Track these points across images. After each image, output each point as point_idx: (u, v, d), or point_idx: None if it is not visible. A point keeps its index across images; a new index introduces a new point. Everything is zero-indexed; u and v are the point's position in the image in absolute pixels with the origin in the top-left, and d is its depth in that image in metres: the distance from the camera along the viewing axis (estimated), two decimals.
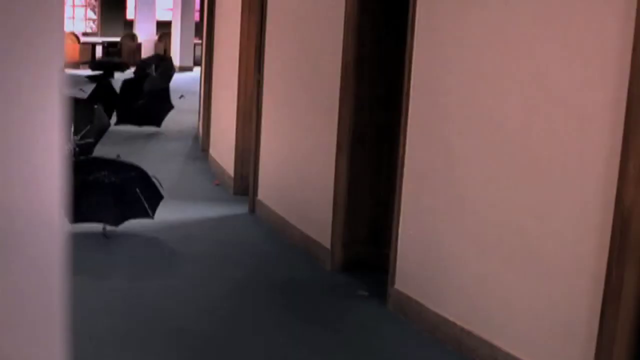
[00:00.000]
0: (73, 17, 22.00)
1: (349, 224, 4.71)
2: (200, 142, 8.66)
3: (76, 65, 17.81)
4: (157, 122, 9.62)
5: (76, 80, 15.09)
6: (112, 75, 13.55)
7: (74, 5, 22.02)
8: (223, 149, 7.11)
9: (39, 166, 0.92)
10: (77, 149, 6.29)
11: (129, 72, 13.64)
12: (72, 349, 1.08)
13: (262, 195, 5.89)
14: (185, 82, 15.54)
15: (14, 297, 0.92)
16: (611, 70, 2.87)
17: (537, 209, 3.23)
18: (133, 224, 5.57)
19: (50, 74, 0.91)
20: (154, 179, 5.28)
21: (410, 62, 3.98)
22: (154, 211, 5.24)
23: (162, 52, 19.56)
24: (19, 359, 0.94)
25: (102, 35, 21.51)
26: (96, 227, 5.41)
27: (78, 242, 4.86)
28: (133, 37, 20.17)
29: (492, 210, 3.47)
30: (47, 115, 0.92)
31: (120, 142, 9.05)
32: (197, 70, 14.40)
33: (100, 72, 13.75)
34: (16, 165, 0.89)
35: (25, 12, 0.87)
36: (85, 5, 22.65)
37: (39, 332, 0.97)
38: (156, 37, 20.82)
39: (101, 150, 8.37)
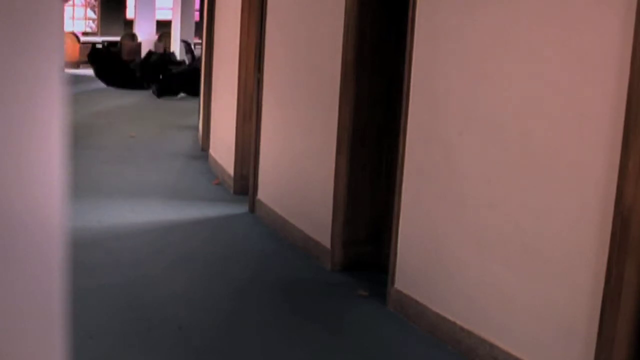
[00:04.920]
0: (73, 17, 22.01)
1: (349, 224, 4.71)
2: (200, 142, 8.67)
3: (76, 65, 17.82)
4: None
5: (77, 80, 15.12)
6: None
7: (74, 5, 22.02)
8: (223, 148, 7.11)
9: (39, 166, 0.92)
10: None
11: None
12: (72, 348, 1.07)
13: (262, 194, 5.89)
14: None
15: (12, 297, 0.92)
16: (611, 69, 2.87)
17: (537, 208, 3.23)
18: (132, 224, 5.58)
19: (50, 73, 0.91)
20: None
21: (410, 62, 3.98)
22: None
23: (162, 52, 19.58)
24: (18, 358, 0.94)
25: (102, 34, 21.53)
26: (96, 226, 5.42)
27: (78, 242, 4.86)
28: (133, 36, 20.17)
29: (492, 210, 3.47)
30: (47, 115, 0.92)
31: (121, 141, 9.06)
32: None
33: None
34: (15, 166, 0.89)
35: (25, 11, 0.87)
36: (85, 5, 22.65)
37: (39, 332, 0.97)
38: (156, 37, 20.83)
39: (100, 149, 8.38)
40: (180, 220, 5.74)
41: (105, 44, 19.59)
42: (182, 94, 13.62)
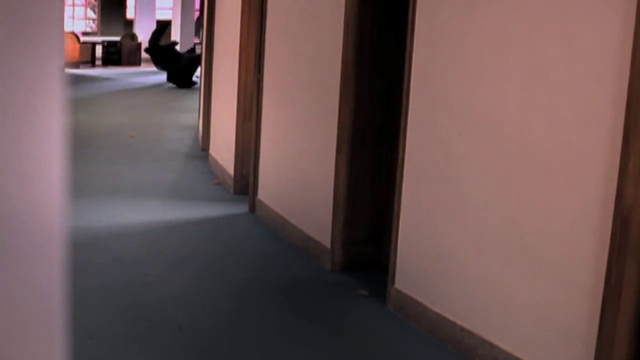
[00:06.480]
0: (73, 17, 22.00)
1: (349, 224, 4.71)
2: (200, 142, 8.67)
3: (76, 64, 17.82)
4: None
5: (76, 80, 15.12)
6: None
7: (73, 5, 22.02)
8: (223, 148, 7.11)
9: (39, 167, 0.92)
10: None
11: None
12: (72, 348, 1.07)
13: (262, 194, 5.89)
14: None
15: (12, 297, 0.92)
16: (611, 69, 2.87)
17: (537, 208, 3.23)
18: (132, 223, 5.58)
19: (50, 73, 0.91)
20: None
21: (410, 62, 3.98)
22: None
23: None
24: (18, 358, 0.94)
25: (102, 34, 21.53)
26: (96, 225, 5.42)
27: (78, 242, 4.86)
28: (133, 36, 20.18)
29: (492, 210, 3.47)
30: (47, 115, 0.92)
31: (121, 141, 9.06)
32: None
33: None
34: (15, 166, 0.89)
35: (25, 11, 0.87)
36: (85, 5, 22.65)
37: (39, 332, 0.97)
38: None
39: (100, 148, 8.39)
40: (180, 220, 5.74)
41: (107, 42, 19.59)
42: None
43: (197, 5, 18.81)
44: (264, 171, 5.87)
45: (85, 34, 20.79)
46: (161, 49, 15.53)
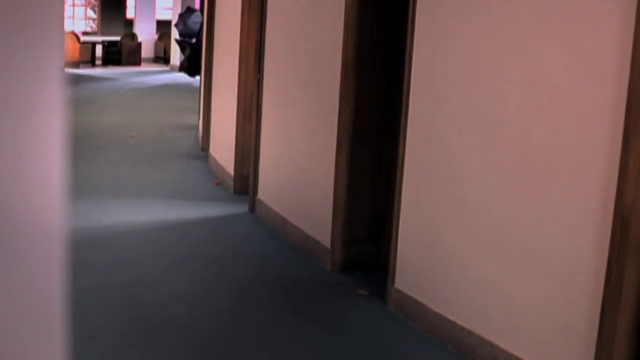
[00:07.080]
0: (73, 17, 22.01)
1: (349, 224, 4.71)
2: (200, 142, 8.67)
3: (76, 64, 17.82)
4: None
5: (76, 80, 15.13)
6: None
7: (74, 5, 22.02)
8: (223, 148, 7.11)
9: (39, 167, 0.92)
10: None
11: None
12: (72, 348, 1.07)
13: (262, 194, 5.89)
14: (185, 81, 15.56)
15: (12, 297, 0.92)
16: (611, 69, 2.87)
17: (537, 208, 3.23)
18: (132, 223, 5.58)
19: (50, 73, 0.91)
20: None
21: (410, 62, 3.98)
22: None
23: (162, 52, 19.63)
24: (18, 358, 0.94)
25: (102, 34, 21.54)
26: (96, 225, 5.42)
27: (78, 241, 4.86)
28: (133, 36, 20.18)
29: (492, 210, 3.47)
30: (47, 115, 0.92)
31: (121, 141, 9.07)
32: None
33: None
34: (15, 166, 0.89)
35: (25, 11, 0.87)
36: (85, 5, 22.65)
37: (39, 332, 0.97)
38: (156, 37, 20.85)
39: (100, 149, 8.39)
40: (180, 220, 5.74)
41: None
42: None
43: (197, 5, 18.81)
44: (264, 171, 5.87)
45: (85, 33, 20.79)
46: None
